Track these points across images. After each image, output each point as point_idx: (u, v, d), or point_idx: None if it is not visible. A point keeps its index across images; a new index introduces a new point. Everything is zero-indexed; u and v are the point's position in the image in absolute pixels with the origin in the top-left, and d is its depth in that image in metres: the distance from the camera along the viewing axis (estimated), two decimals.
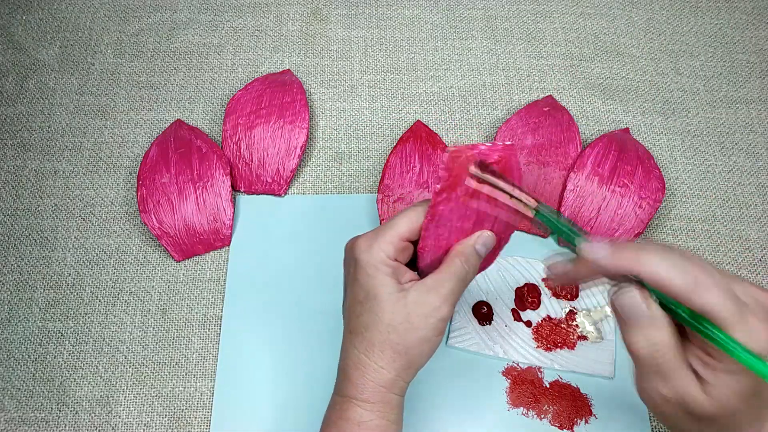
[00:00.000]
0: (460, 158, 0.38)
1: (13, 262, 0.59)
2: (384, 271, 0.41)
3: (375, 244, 0.41)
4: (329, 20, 0.72)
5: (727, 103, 0.67)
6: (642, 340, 0.34)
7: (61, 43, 0.70)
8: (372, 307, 0.41)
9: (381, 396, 0.41)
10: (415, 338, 0.40)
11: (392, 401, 0.42)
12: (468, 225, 0.41)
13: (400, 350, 0.41)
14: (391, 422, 0.42)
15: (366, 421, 0.41)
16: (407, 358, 0.41)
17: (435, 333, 0.41)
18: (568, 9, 0.73)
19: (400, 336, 0.40)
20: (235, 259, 0.59)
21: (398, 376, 0.41)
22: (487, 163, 0.39)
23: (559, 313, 0.56)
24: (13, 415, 0.53)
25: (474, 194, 0.39)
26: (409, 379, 0.42)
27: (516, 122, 0.64)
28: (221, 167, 0.60)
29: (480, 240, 0.41)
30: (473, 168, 0.38)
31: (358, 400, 0.42)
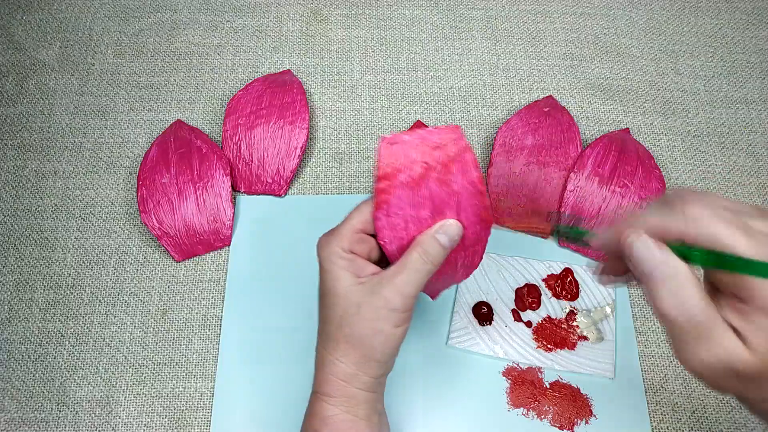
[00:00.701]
0: (396, 144, 0.38)
1: (13, 262, 0.59)
2: (339, 265, 0.41)
3: (331, 239, 0.42)
4: (329, 20, 0.72)
5: (727, 103, 0.67)
6: (670, 298, 0.32)
7: (61, 43, 0.70)
8: (328, 301, 0.41)
9: (342, 390, 0.41)
10: (366, 330, 0.40)
11: (357, 396, 0.41)
12: (425, 213, 0.39)
13: (353, 342, 0.40)
14: (360, 418, 0.41)
15: (331, 415, 0.41)
16: (362, 350, 0.40)
17: (388, 324, 0.40)
18: (568, 9, 0.73)
19: (352, 328, 0.40)
20: (235, 259, 0.59)
21: (358, 369, 0.41)
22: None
23: (559, 314, 0.56)
24: (13, 415, 0.53)
25: (419, 181, 0.38)
26: (373, 373, 0.41)
27: (516, 122, 0.64)
28: (221, 167, 0.60)
29: (441, 229, 0.40)
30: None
31: (322, 394, 0.42)
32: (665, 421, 0.52)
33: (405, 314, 0.40)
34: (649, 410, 0.52)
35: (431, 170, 0.38)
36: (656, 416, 0.52)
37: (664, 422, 0.52)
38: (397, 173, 0.38)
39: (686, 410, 0.53)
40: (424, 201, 0.39)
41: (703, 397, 0.53)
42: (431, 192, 0.38)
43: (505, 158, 0.62)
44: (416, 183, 0.38)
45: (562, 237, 0.39)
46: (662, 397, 0.53)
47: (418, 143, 0.38)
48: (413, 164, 0.38)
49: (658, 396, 0.53)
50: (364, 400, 0.42)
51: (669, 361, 0.55)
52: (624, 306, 0.56)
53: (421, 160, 0.38)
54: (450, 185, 0.38)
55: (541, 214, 0.39)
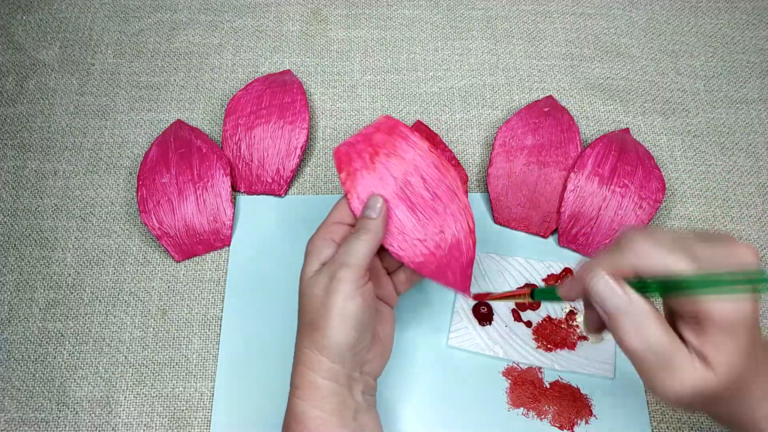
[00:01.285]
0: (344, 146, 0.46)
1: (13, 262, 0.59)
2: (313, 253, 0.44)
3: (315, 232, 0.45)
4: (329, 20, 0.72)
5: (727, 103, 0.67)
6: (633, 333, 0.34)
7: (61, 43, 0.70)
8: (299, 290, 0.44)
9: (307, 378, 0.41)
10: (320, 309, 0.41)
11: (321, 388, 0.41)
12: (390, 187, 0.45)
13: (313, 325, 0.41)
14: (328, 414, 0.41)
15: (300, 413, 0.41)
16: (320, 331, 0.41)
17: (337, 299, 0.40)
18: (568, 9, 0.73)
19: (310, 311, 0.42)
20: (235, 259, 0.59)
21: (320, 354, 0.41)
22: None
23: (559, 314, 0.56)
24: (13, 415, 0.53)
25: (372, 162, 0.45)
26: (331, 356, 0.41)
27: (516, 122, 0.64)
28: (221, 167, 0.60)
29: (365, 207, 0.44)
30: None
31: (293, 387, 0.43)
32: (665, 421, 0.52)
33: (351, 285, 0.41)
34: (649, 410, 0.52)
35: (378, 151, 0.46)
36: (656, 416, 0.52)
37: (664, 422, 0.52)
38: (351, 163, 0.45)
39: (686, 410, 0.53)
40: (385, 177, 0.45)
41: None
42: (387, 167, 0.45)
43: (505, 158, 0.62)
44: (371, 165, 0.45)
45: (539, 297, 0.45)
46: None
47: (361, 139, 0.46)
48: (362, 153, 0.46)
49: None
50: (330, 393, 0.41)
51: None
52: None
53: (366, 147, 0.46)
54: (402, 156, 0.46)
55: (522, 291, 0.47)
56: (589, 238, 0.59)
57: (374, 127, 0.47)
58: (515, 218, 0.59)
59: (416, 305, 0.56)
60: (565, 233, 0.59)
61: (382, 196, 0.44)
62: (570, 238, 0.59)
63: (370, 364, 0.45)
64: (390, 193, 0.45)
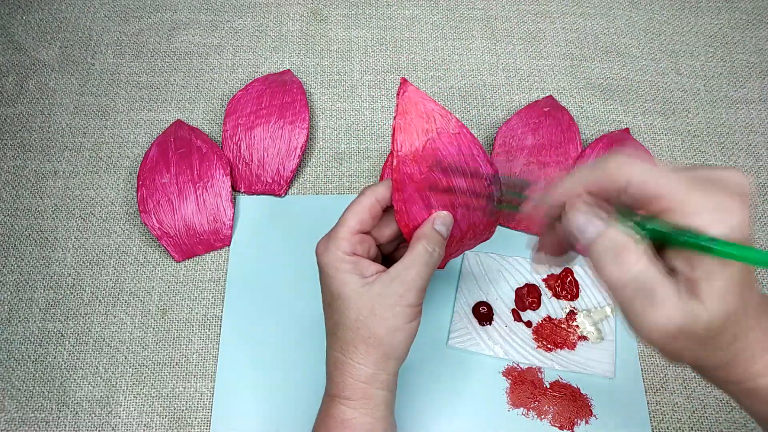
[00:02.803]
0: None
1: (13, 262, 0.59)
2: (344, 269, 0.41)
3: (330, 244, 0.42)
4: (329, 20, 0.72)
5: (727, 103, 0.67)
6: (613, 265, 0.30)
7: (61, 43, 0.70)
8: (339, 306, 0.42)
9: (362, 392, 0.41)
10: (384, 329, 0.40)
11: (375, 397, 0.41)
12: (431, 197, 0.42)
13: (372, 343, 0.41)
14: (378, 420, 0.42)
15: (350, 418, 0.41)
16: (382, 350, 0.41)
17: (404, 320, 0.40)
18: (568, 9, 0.73)
19: (369, 330, 0.40)
20: (235, 259, 0.58)
21: (377, 369, 0.41)
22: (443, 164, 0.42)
23: (559, 314, 0.56)
24: (13, 415, 0.53)
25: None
26: (392, 370, 0.42)
27: (516, 122, 0.64)
28: (221, 167, 0.60)
29: (438, 220, 0.42)
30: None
31: (340, 398, 0.42)
32: (665, 421, 0.52)
33: (418, 308, 0.41)
34: (649, 410, 0.52)
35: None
36: (656, 416, 0.52)
37: (664, 422, 0.52)
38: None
39: (686, 410, 0.53)
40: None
41: (703, 397, 0.53)
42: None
43: (505, 158, 0.62)
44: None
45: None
46: (662, 397, 0.53)
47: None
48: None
49: (658, 396, 0.53)
50: (383, 401, 0.42)
51: None
52: None
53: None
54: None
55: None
56: None
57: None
58: (515, 218, 0.59)
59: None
60: None
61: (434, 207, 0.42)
62: None
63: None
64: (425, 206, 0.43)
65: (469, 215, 0.44)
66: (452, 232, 0.44)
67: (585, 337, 0.54)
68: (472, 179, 0.43)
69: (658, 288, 0.30)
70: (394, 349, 0.41)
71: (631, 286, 0.30)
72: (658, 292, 0.30)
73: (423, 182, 0.41)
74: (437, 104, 0.42)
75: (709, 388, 0.54)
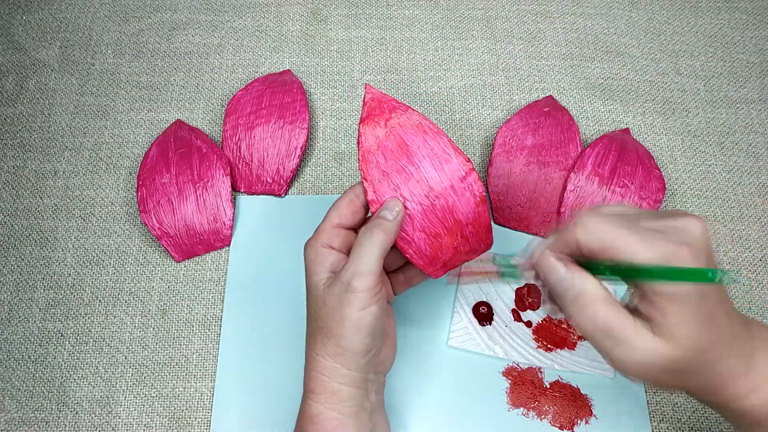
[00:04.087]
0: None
1: (13, 262, 0.59)
2: (316, 261, 0.42)
3: (312, 238, 0.44)
4: (329, 20, 0.72)
5: (727, 103, 0.67)
6: (581, 314, 0.34)
7: (61, 43, 0.70)
8: (308, 297, 0.43)
9: (324, 385, 0.41)
10: (334, 319, 0.40)
11: (339, 392, 0.41)
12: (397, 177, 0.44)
13: (326, 334, 0.41)
14: (345, 416, 0.41)
15: (316, 414, 0.41)
16: (334, 341, 0.41)
17: (352, 309, 0.40)
18: (568, 9, 0.73)
19: (323, 320, 0.41)
20: (235, 259, 0.59)
21: (335, 362, 0.41)
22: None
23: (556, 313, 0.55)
24: (13, 415, 0.53)
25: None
26: (350, 365, 0.41)
27: (516, 122, 0.64)
28: (221, 167, 0.60)
29: (381, 208, 0.42)
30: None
31: (308, 391, 0.42)
32: (665, 421, 0.52)
33: (365, 294, 0.40)
34: (649, 410, 0.52)
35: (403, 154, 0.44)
36: (656, 416, 0.52)
37: (664, 422, 0.52)
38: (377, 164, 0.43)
39: (686, 410, 0.53)
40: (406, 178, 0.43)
41: None
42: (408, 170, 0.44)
43: (505, 158, 0.62)
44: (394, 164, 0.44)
45: (505, 280, 0.45)
46: (662, 397, 0.53)
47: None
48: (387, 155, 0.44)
49: (658, 396, 0.53)
50: (348, 397, 0.41)
51: None
52: None
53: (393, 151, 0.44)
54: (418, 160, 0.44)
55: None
56: None
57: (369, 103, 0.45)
58: (515, 218, 0.59)
59: (416, 305, 0.56)
60: None
61: (402, 198, 0.43)
62: None
63: (382, 364, 0.45)
64: (410, 196, 0.44)
65: (450, 209, 0.44)
66: (432, 226, 0.44)
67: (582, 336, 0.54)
68: (443, 169, 0.44)
69: (622, 331, 0.33)
70: (345, 339, 0.40)
71: (598, 331, 0.34)
72: (623, 335, 0.33)
73: (391, 170, 0.43)
74: (399, 102, 0.44)
75: None
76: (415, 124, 0.44)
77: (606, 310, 0.34)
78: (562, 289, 0.35)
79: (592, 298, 0.34)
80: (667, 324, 0.32)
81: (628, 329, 0.33)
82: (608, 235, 0.33)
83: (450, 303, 0.56)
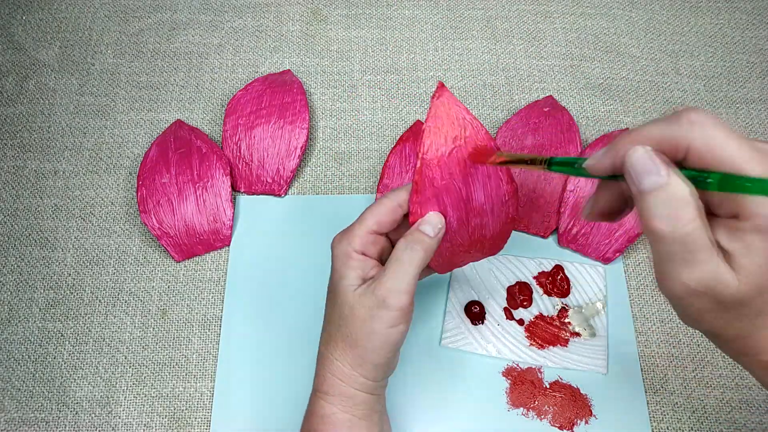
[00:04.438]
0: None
1: (13, 262, 0.59)
2: (348, 265, 0.41)
3: (344, 238, 0.42)
4: (329, 20, 0.72)
5: (727, 103, 0.67)
6: (663, 210, 0.30)
7: (61, 43, 0.70)
8: (333, 299, 0.42)
9: (339, 389, 0.41)
10: (362, 331, 0.40)
11: (355, 396, 0.41)
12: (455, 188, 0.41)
13: (350, 343, 0.40)
14: (359, 418, 0.41)
15: (329, 414, 0.41)
16: (357, 351, 0.40)
17: (382, 324, 0.39)
18: (568, 9, 0.73)
19: (349, 328, 0.40)
20: (235, 259, 0.59)
21: (353, 370, 0.41)
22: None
23: (551, 311, 0.56)
24: (13, 415, 0.53)
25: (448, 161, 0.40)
26: (369, 375, 0.41)
27: (516, 122, 0.64)
28: (221, 167, 0.60)
29: (423, 222, 0.40)
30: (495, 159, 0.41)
31: (320, 392, 0.42)
32: (665, 421, 0.52)
33: (398, 312, 0.39)
34: (649, 410, 0.52)
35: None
36: (656, 416, 0.52)
37: (664, 422, 0.52)
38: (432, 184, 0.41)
39: (686, 410, 0.53)
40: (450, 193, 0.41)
41: (703, 397, 0.53)
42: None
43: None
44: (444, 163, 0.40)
45: (556, 169, 0.38)
46: (662, 397, 0.53)
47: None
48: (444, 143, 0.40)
49: (658, 396, 0.53)
50: (363, 401, 0.41)
51: (669, 361, 0.55)
52: (624, 306, 0.56)
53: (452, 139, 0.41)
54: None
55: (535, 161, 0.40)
56: (588, 239, 0.59)
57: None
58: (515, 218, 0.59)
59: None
60: (565, 233, 0.59)
61: (444, 215, 0.41)
62: (570, 238, 0.59)
63: (392, 370, 0.44)
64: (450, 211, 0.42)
65: (482, 226, 0.43)
66: (460, 239, 0.43)
67: (577, 333, 0.55)
68: (491, 194, 0.42)
69: (700, 249, 0.30)
70: (369, 352, 0.40)
71: (677, 242, 0.30)
72: (699, 254, 0.30)
73: (443, 188, 0.41)
74: (470, 113, 0.41)
75: (709, 389, 0.54)
76: (481, 144, 0.41)
77: (693, 216, 0.29)
78: (650, 185, 0.30)
79: (684, 198, 0.29)
80: (747, 261, 0.29)
81: (707, 247, 0.29)
82: (721, 141, 0.29)
83: (442, 303, 0.56)
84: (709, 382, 0.54)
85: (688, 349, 0.55)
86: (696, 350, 0.55)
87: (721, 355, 0.55)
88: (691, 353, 0.55)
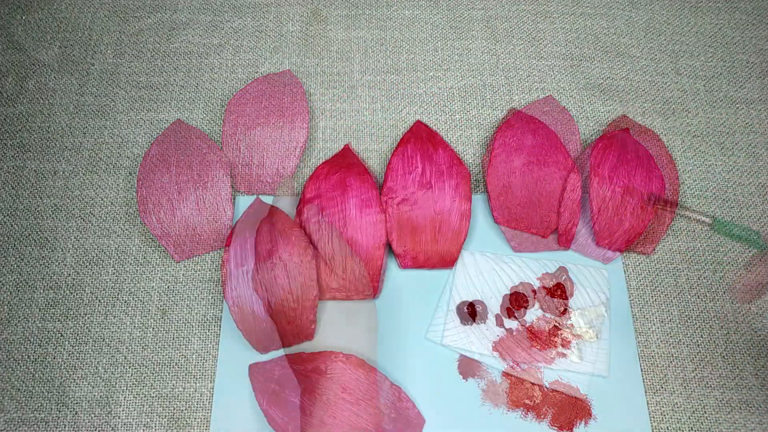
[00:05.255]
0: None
1: (13, 262, 0.59)
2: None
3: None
4: (329, 21, 0.72)
5: (727, 103, 0.67)
6: None
7: (61, 43, 0.70)
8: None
9: None
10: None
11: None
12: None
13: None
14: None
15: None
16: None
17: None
18: (568, 9, 0.73)
19: None
20: None
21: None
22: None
23: (554, 312, 0.56)
24: (13, 415, 0.53)
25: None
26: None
27: (516, 122, 0.64)
28: (221, 167, 0.60)
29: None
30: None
31: None
32: (665, 421, 0.52)
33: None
34: (649, 410, 0.52)
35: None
36: (656, 416, 0.52)
37: (664, 422, 0.52)
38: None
39: (686, 410, 0.53)
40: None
41: (703, 397, 0.53)
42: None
43: (505, 158, 0.62)
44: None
45: (720, 232, 0.35)
46: (662, 397, 0.53)
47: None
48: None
49: (658, 396, 0.53)
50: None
51: (669, 361, 0.55)
52: (623, 306, 0.56)
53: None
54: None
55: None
56: (588, 239, 0.59)
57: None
58: (515, 218, 0.59)
59: (409, 305, 0.56)
60: (565, 233, 0.59)
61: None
62: (570, 237, 0.58)
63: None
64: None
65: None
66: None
67: (579, 335, 0.54)
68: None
69: None
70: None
71: None
72: None
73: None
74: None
75: (709, 388, 0.54)
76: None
77: None
78: None
79: None
80: None
81: None
82: None
83: (445, 302, 0.56)
84: (709, 382, 0.54)
85: (688, 349, 0.55)
86: (696, 350, 0.55)
87: (721, 355, 0.55)
88: (691, 353, 0.55)
